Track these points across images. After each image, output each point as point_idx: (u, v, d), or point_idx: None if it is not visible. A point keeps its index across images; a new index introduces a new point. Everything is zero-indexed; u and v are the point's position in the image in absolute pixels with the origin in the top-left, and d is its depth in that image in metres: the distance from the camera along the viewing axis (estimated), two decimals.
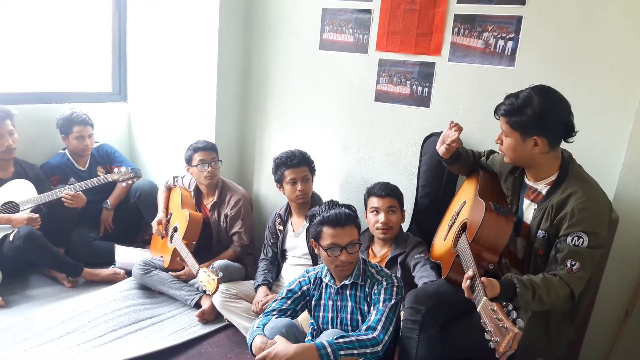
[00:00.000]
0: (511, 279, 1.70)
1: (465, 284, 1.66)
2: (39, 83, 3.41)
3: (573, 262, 1.73)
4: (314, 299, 2.11)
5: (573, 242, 1.74)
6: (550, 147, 1.82)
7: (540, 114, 1.78)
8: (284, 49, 3.17)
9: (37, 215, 2.82)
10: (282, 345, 1.78)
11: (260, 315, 2.05)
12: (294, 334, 1.95)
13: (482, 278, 1.62)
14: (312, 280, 2.12)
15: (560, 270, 1.74)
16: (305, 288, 2.11)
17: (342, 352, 1.76)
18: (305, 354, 1.75)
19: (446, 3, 2.57)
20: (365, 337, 1.82)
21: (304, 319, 2.35)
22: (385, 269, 2.08)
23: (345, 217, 1.99)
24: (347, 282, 2.03)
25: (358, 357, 1.80)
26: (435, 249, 2.32)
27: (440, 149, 2.21)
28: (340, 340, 1.78)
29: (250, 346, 1.89)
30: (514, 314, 1.44)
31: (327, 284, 2.09)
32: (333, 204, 2.06)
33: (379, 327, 1.86)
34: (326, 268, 2.09)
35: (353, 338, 1.81)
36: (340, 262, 1.96)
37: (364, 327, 1.89)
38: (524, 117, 1.80)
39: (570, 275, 1.73)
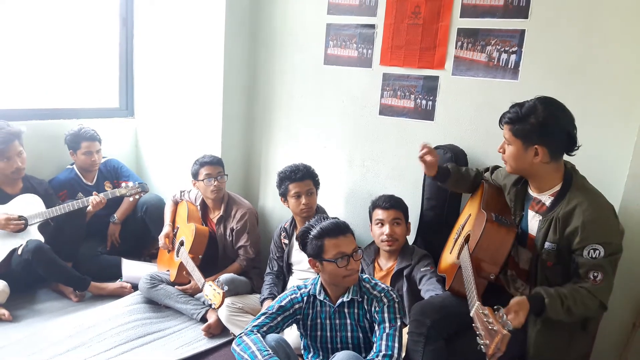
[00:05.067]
0: (538, 291, 1.74)
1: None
2: (47, 99, 3.46)
3: (595, 274, 1.75)
4: (308, 319, 2.06)
5: (590, 255, 1.76)
6: (550, 158, 1.83)
7: (543, 123, 1.79)
8: (289, 64, 3.20)
9: (15, 216, 2.82)
10: None
11: (249, 328, 1.98)
12: (283, 349, 1.93)
13: (513, 304, 1.68)
14: (304, 299, 2.06)
15: (585, 283, 1.77)
16: (297, 307, 2.05)
17: None
18: None
19: (449, 17, 2.60)
20: None
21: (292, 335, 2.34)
22: (380, 283, 2.05)
23: (344, 226, 1.98)
24: (345, 299, 1.99)
25: None
26: (442, 262, 2.32)
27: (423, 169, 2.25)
28: None
29: None
30: (504, 317, 1.46)
31: (321, 302, 2.04)
32: (322, 217, 2.03)
33: (395, 354, 1.85)
34: (319, 284, 2.04)
35: None
36: (350, 270, 1.93)
37: (380, 354, 1.86)
38: (527, 125, 1.81)
39: (595, 287, 1.76)
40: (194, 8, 3.27)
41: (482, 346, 1.45)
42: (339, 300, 2.01)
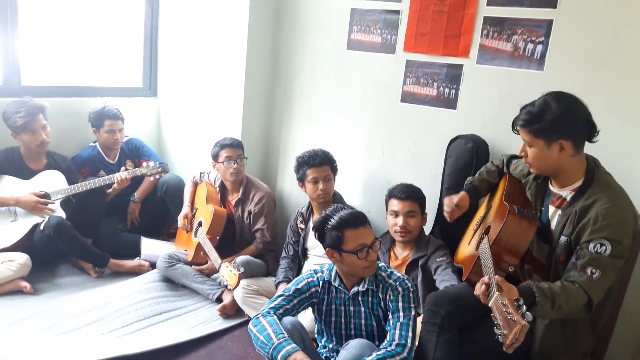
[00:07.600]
0: (530, 286, 1.68)
1: (481, 289, 1.63)
2: (72, 77, 3.50)
3: (594, 270, 1.69)
4: (324, 304, 2.07)
5: (595, 250, 1.70)
6: (575, 150, 1.80)
7: (561, 116, 1.76)
8: (312, 48, 3.18)
9: (45, 200, 2.87)
10: None
11: (266, 309, 1.98)
12: (299, 332, 1.94)
13: (498, 278, 1.60)
14: (320, 284, 2.06)
15: (580, 277, 1.71)
16: (313, 290, 2.05)
17: None
18: None
19: (476, 5, 2.55)
20: (398, 357, 1.80)
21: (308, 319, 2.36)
22: (396, 272, 2.04)
23: (363, 216, 1.98)
24: (361, 288, 1.99)
25: None
26: (459, 253, 2.30)
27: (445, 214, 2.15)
28: None
29: (282, 355, 1.79)
30: (524, 308, 1.44)
31: (337, 288, 2.05)
32: (339, 207, 2.01)
33: (408, 344, 1.84)
34: (334, 271, 2.04)
35: None
36: (370, 262, 1.93)
37: (393, 343, 1.84)
38: (545, 122, 1.78)
39: (590, 283, 1.69)
40: None
41: (499, 336, 1.45)
42: (354, 289, 2.01)
